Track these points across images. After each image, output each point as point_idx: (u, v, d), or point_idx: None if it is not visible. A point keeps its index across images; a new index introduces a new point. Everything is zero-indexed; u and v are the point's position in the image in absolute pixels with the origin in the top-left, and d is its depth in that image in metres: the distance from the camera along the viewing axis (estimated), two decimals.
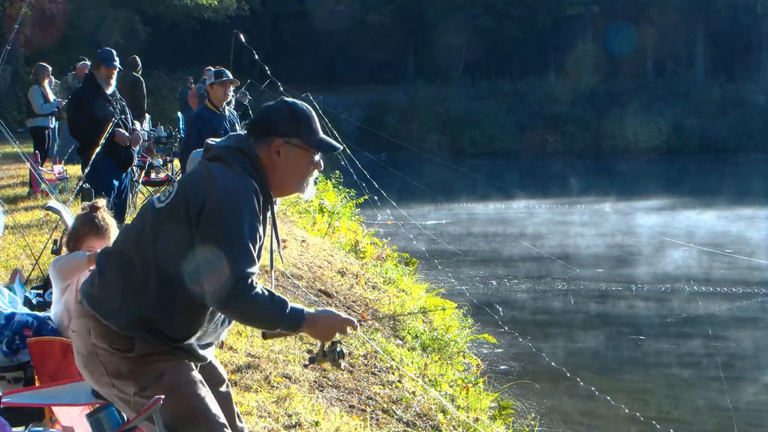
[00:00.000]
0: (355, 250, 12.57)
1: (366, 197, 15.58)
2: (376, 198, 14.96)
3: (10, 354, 4.65)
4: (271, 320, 3.17)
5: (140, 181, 11.52)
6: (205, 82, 13.01)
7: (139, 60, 15.89)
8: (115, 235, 4.95)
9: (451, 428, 6.38)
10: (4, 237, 8.44)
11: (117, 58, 8.72)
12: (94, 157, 7.98)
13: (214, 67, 9.81)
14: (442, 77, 47.76)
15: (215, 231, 3.08)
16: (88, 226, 4.92)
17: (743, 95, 47.46)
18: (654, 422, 8.17)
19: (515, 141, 43.49)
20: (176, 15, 38.65)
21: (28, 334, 4.64)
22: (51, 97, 14.63)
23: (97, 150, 8.05)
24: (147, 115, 16.34)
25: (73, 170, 13.54)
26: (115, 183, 8.57)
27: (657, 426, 8.08)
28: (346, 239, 13.28)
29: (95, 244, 4.87)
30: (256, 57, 10.80)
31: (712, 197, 26.11)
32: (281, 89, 10.79)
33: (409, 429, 6.10)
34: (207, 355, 3.41)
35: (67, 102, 10.17)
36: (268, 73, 11.65)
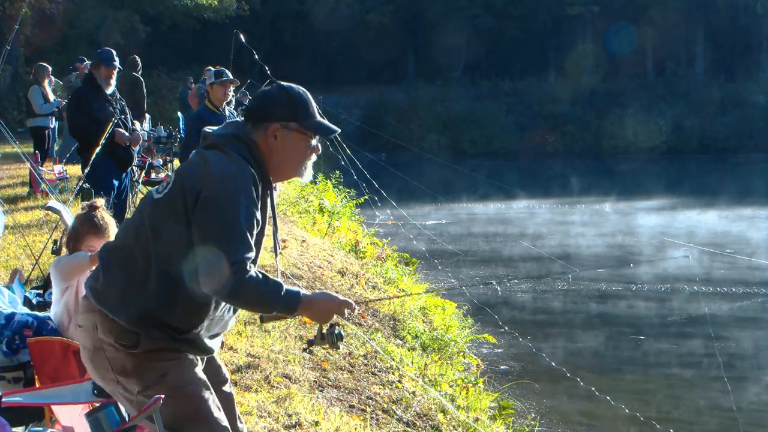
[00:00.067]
0: (355, 250, 12.57)
1: (366, 197, 15.59)
2: (376, 198, 14.96)
3: (10, 354, 4.65)
4: (266, 303, 3.16)
5: (140, 181, 11.52)
6: (205, 82, 13.00)
7: (139, 60, 15.89)
8: (114, 235, 4.96)
9: (451, 428, 6.38)
10: (4, 237, 8.44)
11: (117, 58, 8.73)
12: (94, 157, 7.98)
13: (214, 67, 9.81)
14: (442, 77, 47.75)
15: (211, 217, 3.08)
16: (88, 225, 4.92)
17: (743, 95, 47.45)
18: (654, 422, 8.16)
19: (515, 141, 43.48)
20: (176, 15, 38.64)
21: (28, 334, 4.64)
22: (51, 97, 14.64)
23: (97, 150, 8.06)
24: (147, 115, 16.34)
25: (73, 170, 13.54)
26: (115, 183, 8.58)
27: (657, 426, 8.08)
28: (346, 239, 13.27)
29: (95, 243, 4.87)
30: (256, 57, 10.79)
31: (713, 197, 26.10)
32: None
33: (409, 429, 6.10)
34: (214, 346, 3.39)
35: (67, 102, 10.18)
36: (268, 73, 11.63)
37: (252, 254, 3.10)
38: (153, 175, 12.25)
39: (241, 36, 10.52)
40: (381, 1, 48.37)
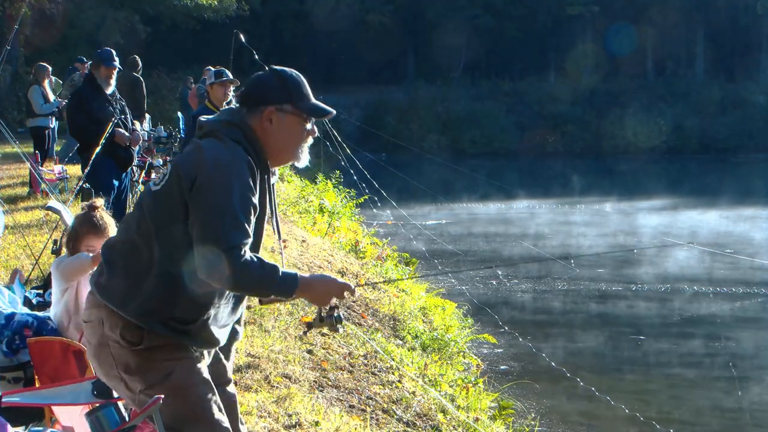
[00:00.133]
0: (355, 250, 12.57)
1: (366, 197, 15.58)
2: (376, 198, 14.96)
3: (10, 354, 4.65)
4: (263, 287, 3.14)
5: (140, 181, 11.51)
6: (205, 82, 12.99)
7: (139, 60, 15.88)
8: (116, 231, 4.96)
9: (451, 428, 6.38)
10: (4, 237, 8.44)
11: (117, 58, 8.73)
12: (94, 157, 7.98)
13: (214, 67, 9.81)
14: (442, 77, 47.74)
15: (205, 202, 3.07)
16: (87, 225, 4.92)
17: (743, 95, 47.43)
18: (654, 422, 8.16)
19: (515, 141, 43.47)
20: (176, 15, 38.63)
21: (28, 334, 4.64)
22: (51, 97, 14.64)
23: (97, 150, 8.06)
24: (147, 115, 16.33)
25: (73, 170, 13.54)
26: (115, 183, 8.58)
27: (657, 426, 8.08)
28: (346, 239, 13.27)
29: (94, 243, 4.87)
30: (256, 57, 10.78)
31: (713, 197, 26.09)
32: None
33: (409, 429, 6.10)
34: (222, 337, 3.35)
35: (67, 102, 10.18)
36: (262, 64, 11.62)
37: (248, 239, 3.08)
38: (153, 175, 12.22)
39: (241, 36, 10.51)
40: (381, 1, 48.36)
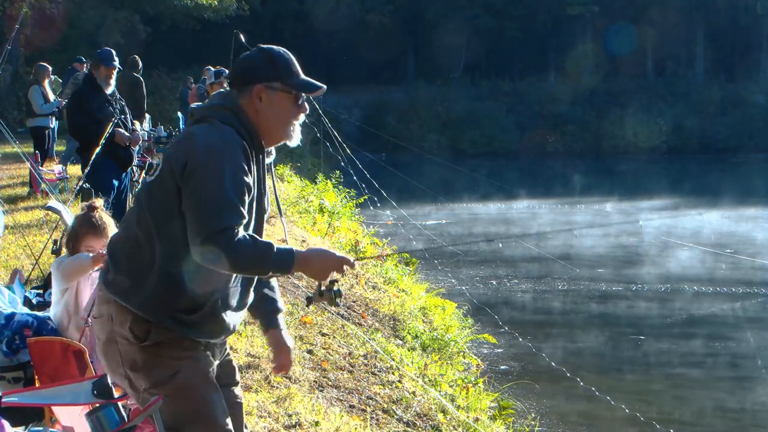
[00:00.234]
0: (355, 250, 12.57)
1: (366, 197, 15.59)
2: (375, 198, 14.96)
3: (10, 354, 4.65)
4: (259, 265, 3.12)
5: (140, 181, 11.51)
6: (205, 82, 13.00)
7: (140, 60, 15.87)
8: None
9: (451, 428, 6.37)
10: (4, 237, 8.43)
11: (116, 58, 8.73)
12: (94, 157, 7.98)
13: (214, 67, 9.82)
14: (442, 77, 47.74)
15: (197, 186, 3.07)
16: (86, 225, 4.93)
17: (743, 95, 47.43)
18: (654, 423, 8.16)
19: (515, 141, 43.48)
20: (176, 15, 38.62)
21: (28, 334, 4.64)
22: (51, 97, 14.64)
23: (97, 150, 8.06)
24: (147, 115, 16.33)
25: (73, 170, 13.55)
26: (115, 183, 8.58)
27: (657, 426, 8.08)
28: (346, 239, 13.27)
29: (94, 243, 4.87)
30: None
31: (714, 197, 26.08)
32: None
33: (409, 429, 6.10)
34: (234, 322, 3.33)
35: (67, 102, 10.19)
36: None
37: (241, 220, 3.07)
38: None
39: (241, 36, 10.50)
40: (381, 1, 48.37)
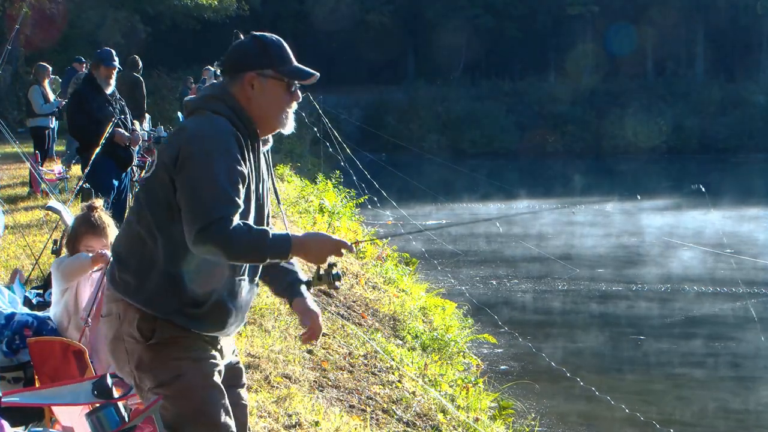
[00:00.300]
0: (355, 250, 12.57)
1: (366, 197, 15.59)
2: (375, 199, 14.96)
3: (10, 354, 4.65)
4: (255, 252, 3.10)
5: (140, 181, 11.51)
6: (205, 82, 13.00)
7: (140, 60, 15.87)
8: (114, 234, 4.96)
9: (451, 428, 6.37)
10: (4, 237, 8.43)
11: (116, 58, 8.73)
12: (94, 157, 7.98)
13: (214, 67, 9.81)
14: (442, 77, 47.72)
15: (189, 177, 3.07)
16: (86, 225, 4.93)
17: (743, 95, 47.40)
18: (654, 423, 8.16)
19: (515, 141, 43.45)
20: (176, 15, 38.61)
21: (28, 334, 4.64)
22: (51, 97, 14.64)
23: (97, 150, 8.06)
24: (147, 115, 16.33)
25: (73, 170, 13.54)
26: (115, 183, 8.58)
27: (657, 426, 8.08)
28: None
29: (93, 243, 4.87)
30: None
31: (714, 197, 26.05)
32: None
33: (409, 429, 6.10)
34: (241, 313, 3.32)
35: (67, 102, 10.19)
36: None
37: (235, 209, 3.06)
38: None
39: (241, 36, 10.53)
40: (381, 1, 48.35)
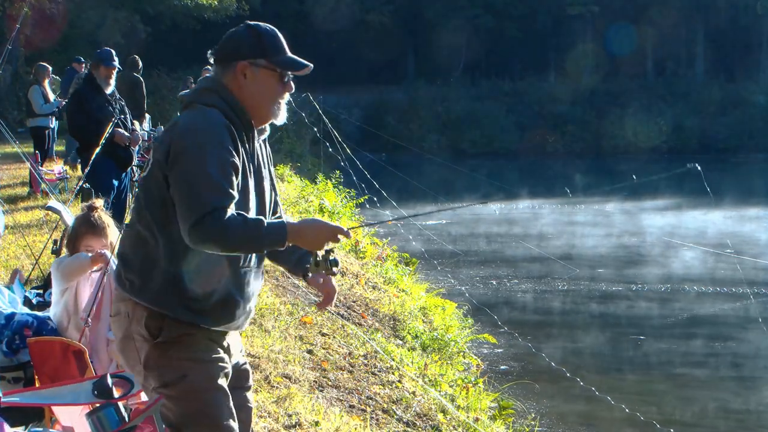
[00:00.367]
0: (355, 250, 12.57)
1: (366, 197, 15.58)
2: (375, 199, 14.96)
3: (10, 354, 4.66)
4: (251, 242, 3.10)
5: (138, 181, 11.50)
6: None
7: (140, 60, 15.87)
8: (113, 234, 4.97)
9: (451, 428, 6.37)
10: (4, 237, 8.43)
11: (116, 58, 8.73)
12: (94, 157, 7.98)
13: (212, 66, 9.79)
14: (442, 77, 47.71)
15: (181, 171, 3.07)
16: (85, 225, 4.93)
17: (743, 95, 47.39)
18: (655, 423, 8.16)
19: (515, 141, 43.44)
20: (176, 15, 38.61)
21: (28, 334, 4.65)
22: (51, 97, 14.64)
23: (97, 150, 8.06)
24: (147, 115, 16.32)
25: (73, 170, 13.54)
26: (115, 183, 8.58)
27: (658, 426, 8.07)
28: (346, 239, 13.25)
29: (93, 243, 4.87)
30: None
31: (715, 197, 26.00)
32: None
33: (409, 429, 6.10)
34: (248, 305, 3.32)
35: (67, 102, 10.19)
36: None
37: (229, 200, 3.05)
38: None
39: None
40: (381, 1, 48.35)
